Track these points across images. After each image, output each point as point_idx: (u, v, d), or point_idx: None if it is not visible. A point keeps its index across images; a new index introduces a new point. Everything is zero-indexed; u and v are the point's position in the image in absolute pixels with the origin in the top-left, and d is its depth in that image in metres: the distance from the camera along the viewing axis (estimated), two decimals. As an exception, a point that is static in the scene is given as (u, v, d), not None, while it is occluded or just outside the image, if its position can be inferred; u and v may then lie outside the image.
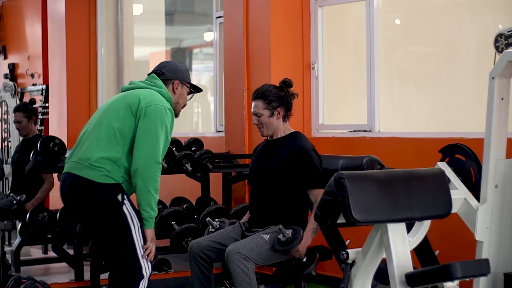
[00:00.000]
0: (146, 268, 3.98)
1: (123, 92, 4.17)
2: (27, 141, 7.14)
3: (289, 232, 4.27)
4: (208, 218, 4.72)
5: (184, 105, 4.30)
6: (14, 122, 7.25)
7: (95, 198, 3.94)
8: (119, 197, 3.95)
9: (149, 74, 4.24)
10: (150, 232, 4.00)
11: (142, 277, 3.96)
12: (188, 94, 4.30)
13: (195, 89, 4.32)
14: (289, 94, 4.57)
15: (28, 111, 7.20)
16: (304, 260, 4.36)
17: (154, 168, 3.94)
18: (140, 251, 3.96)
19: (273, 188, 4.47)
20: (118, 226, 3.95)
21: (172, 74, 4.22)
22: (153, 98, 4.03)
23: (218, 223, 4.69)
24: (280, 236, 4.28)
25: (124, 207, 3.96)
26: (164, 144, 4.00)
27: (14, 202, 6.64)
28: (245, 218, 4.67)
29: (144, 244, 3.98)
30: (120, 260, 3.96)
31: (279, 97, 4.53)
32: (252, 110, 4.58)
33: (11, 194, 6.86)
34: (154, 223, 4.03)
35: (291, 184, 4.44)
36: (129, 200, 4.00)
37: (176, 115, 4.19)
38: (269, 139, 4.62)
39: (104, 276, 5.64)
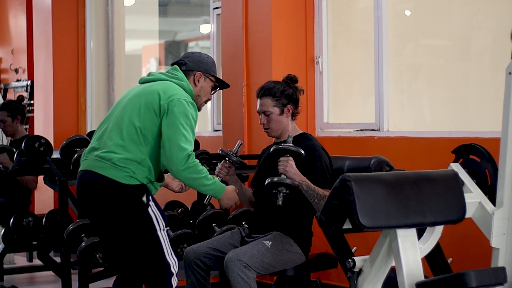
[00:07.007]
0: (174, 265, 4.09)
1: (142, 85, 4.20)
2: (14, 142, 7.15)
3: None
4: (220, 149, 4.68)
5: (208, 100, 4.33)
6: None
7: (121, 200, 4.00)
8: (144, 198, 4.04)
9: (172, 65, 4.27)
10: (226, 197, 4.35)
11: (171, 274, 4.07)
12: (212, 88, 4.31)
13: (221, 84, 4.33)
14: (297, 90, 4.57)
15: (12, 110, 7.21)
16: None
17: (187, 165, 3.99)
18: (166, 249, 4.06)
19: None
20: (144, 228, 4.04)
21: (195, 65, 4.26)
22: (173, 92, 4.06)
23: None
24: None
25: (149, 209, 4.06)
26: (192, 135, 4.05)
27: None
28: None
29: (169, 242, 4.08)
30: (147, 262, 4.04)
31: (288, 93, 4.53)
32: (258, 108, 4.54)
33: None
34: (216, 191, 4.30)
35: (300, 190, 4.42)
36: (154, 200, 4.11)
37: (198, 109, 4.20)
38: (277, 142, 4.61)
39: (93, 285, 5.65)
